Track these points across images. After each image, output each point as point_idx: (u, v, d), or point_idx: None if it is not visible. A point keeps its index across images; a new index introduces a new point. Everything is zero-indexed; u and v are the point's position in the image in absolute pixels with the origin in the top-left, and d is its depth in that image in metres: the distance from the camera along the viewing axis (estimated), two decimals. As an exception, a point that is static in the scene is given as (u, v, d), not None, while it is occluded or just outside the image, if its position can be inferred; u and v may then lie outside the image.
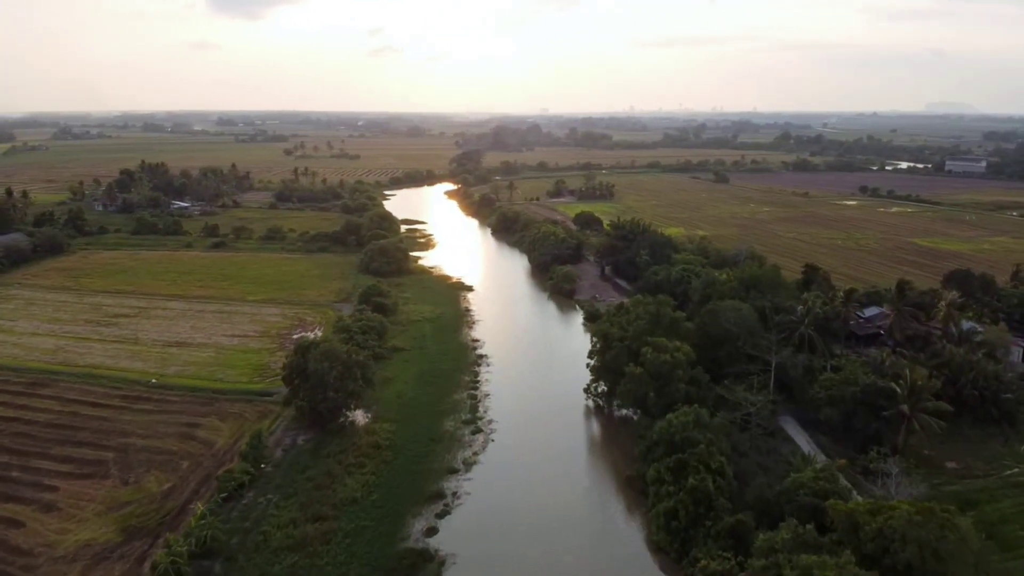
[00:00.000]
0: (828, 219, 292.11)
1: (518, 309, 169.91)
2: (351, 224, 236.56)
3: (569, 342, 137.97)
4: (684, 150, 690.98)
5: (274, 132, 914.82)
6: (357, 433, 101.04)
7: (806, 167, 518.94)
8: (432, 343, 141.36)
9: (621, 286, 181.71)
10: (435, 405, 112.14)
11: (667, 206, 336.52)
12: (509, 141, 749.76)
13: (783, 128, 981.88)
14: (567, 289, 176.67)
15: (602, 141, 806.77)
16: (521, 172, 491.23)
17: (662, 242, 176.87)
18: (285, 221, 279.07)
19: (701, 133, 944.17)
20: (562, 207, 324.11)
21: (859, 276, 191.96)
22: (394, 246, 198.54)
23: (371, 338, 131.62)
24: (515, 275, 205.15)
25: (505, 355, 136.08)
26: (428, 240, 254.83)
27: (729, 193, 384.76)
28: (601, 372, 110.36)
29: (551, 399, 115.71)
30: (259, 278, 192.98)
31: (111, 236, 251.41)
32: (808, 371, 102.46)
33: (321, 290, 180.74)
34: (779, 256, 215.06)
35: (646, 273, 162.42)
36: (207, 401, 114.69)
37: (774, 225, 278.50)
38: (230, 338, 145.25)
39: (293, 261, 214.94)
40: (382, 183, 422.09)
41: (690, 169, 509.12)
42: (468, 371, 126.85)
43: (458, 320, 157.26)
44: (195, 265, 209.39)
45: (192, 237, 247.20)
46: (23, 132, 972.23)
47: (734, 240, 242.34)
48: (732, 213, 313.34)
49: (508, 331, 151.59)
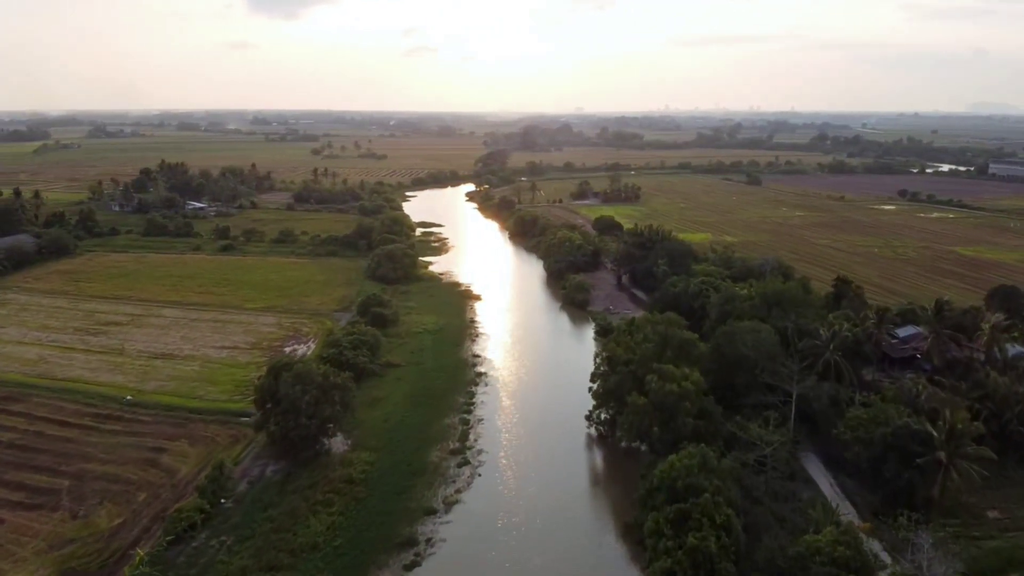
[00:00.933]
0: (864, 225, 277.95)
1: (527, 321, 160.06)
2: (363, 227, 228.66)
3: (577, 359, 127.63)
4: (717, 150, 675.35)
5: (306, 132, 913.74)
6: (331, 464, 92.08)
7: (842, 169, 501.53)
8: (430, 358, 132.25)
9: (638, 297, 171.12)
10: (423, 430, 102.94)
11: (695, 209, 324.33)
12: (538, 141, 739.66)
13: (820, 128, 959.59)
14: (580, 300, 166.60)
15: (633, 141, 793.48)
16: (547, 173, 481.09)
17: (681, 251, 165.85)
18: (299, 223, 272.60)
19: (736, 133, 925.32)
20: (584, 210, 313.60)
21: (895, 288, 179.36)
22: (402, 252, 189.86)
23: (362, 353, 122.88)
24: (529, 283, 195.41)
25: (506, 373, 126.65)
26: (442, 244, 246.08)
27: (761, 196, 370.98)
28: (604, 398, 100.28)
29: (550, 426, 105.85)
30: (262, 284, 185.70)
31: (121, 238, 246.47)
32: (834, 403, 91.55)
33: (323, 298, 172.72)
34: (810, 265, 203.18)
35: (663, 284, 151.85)
36: (180, 422, 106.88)
37: (807, 231, 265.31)
38: (219, 350, 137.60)
39: (300, 266, 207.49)
40: (404, 184, 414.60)
41: (722, 170, 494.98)
42: (464, 391, 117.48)
43: (461, 332, 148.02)
44: (200, 269, 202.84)
45: (202, 239, 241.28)
46: (60, 130, 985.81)
47: (763, 247, 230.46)
48: (763, 217, 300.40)
49: (513, 346, 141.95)
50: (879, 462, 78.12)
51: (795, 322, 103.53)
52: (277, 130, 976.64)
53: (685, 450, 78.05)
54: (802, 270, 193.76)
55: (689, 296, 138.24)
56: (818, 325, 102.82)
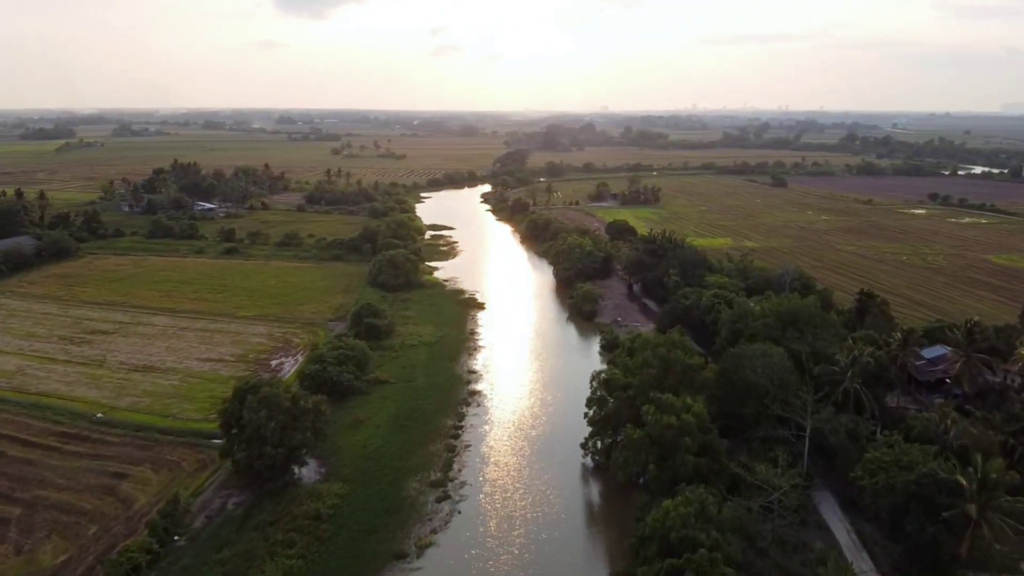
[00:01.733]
0: (892, 230, 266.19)
1: (530, 333, 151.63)
2: (368, 231, 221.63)
3: (579, 377, 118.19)
4: (743, 151, 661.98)
5: (329, 131, 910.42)
6: (299, 497, 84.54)
7: (871, 171, 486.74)
8: (422, 374, 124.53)
9: (649, 308, 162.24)
10: (404, 458, 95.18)
11: (717, 212, 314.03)
12: (560, 141, 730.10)
13: (850, 128, 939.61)
14: (587, 311, 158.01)
15: (657, 140, 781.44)
16: (566, 173, 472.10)
17: (695, 260, 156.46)
18: (307, 225, 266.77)
19: (763, 133, 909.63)
20: (601, 212, 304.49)
21: (924, 300, 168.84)
22: (404, 257, 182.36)
23: (348, 370, 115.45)
24: (536, 291, 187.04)
25: (502, 392, 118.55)
26: (451, 248, 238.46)
27: (786, 199, 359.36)
28: (600, 426, 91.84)
29: (543, 454, 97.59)
30: (259, 290, 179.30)
31: (125, 240, 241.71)
32: (853, 437, 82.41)
33: (319, 305, 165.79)
34: (833, 274, 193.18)
35: (674, 296, 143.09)
36: (147, 444, 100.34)
37: (832, 236, 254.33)
38: (202, 363, 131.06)
39: (302, 271, 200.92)
40: (419, 184, 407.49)
41: (747, 171, 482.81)
42: (454, 412, 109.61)
43: (459, 345, 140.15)
44: (198, 273, 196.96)
45: (206, 242, 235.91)
46: (87, 129, 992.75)
47: (785, 253, 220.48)
48: (787, 221, 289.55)
49: (512, 361, 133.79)
50: (901, 512, 69.04)
51: (812, 344, 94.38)
52: (301, 129, 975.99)
53: (682, 495, 69.70)
54: (825, 280, 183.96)
55: (701, 310, 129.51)
56: (837, 349, 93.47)
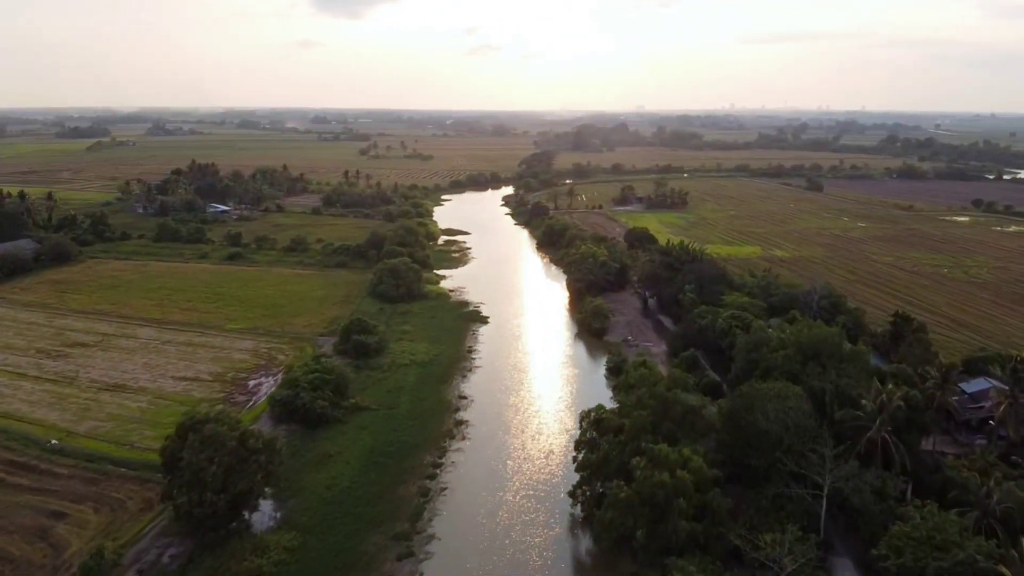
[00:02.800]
0: (933, 239, 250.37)
1: (533, 351, 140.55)
2: (375, 236, 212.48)
3: (580, 406, 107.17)
4: (779, 152, 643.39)
5: (361, 131, 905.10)
6: (243, 549, 74.70)
7: (912, 174, 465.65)
8: (408, 400, 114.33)
9: (664, 325, 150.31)
10: (371, 503, 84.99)
11: (747, 218, 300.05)
12: (591, 141, 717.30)
13: (891, 129, 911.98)
14: (596, 328, 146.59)
15: (690, 141, 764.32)
16: (593, 175, 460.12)
17: (713, 275, 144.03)
18: (319, 229, 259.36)
19: (801, 133, 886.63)
20: (624, 217, 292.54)
21: (965, 320, 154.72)
22: (407, 267, 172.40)
23: (324, 395, 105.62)
24: (546, 303, 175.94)
25: (491, 422, 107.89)
26: (462, 255, 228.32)
27: (821, 204, 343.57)
28: (592, 471, 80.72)
29: (529, 501, 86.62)
30: (254, 299, 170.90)
31: (131, 243, 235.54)
32: (879, 497, 70.40)
33: (313, 318, 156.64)
34: (867, 288, 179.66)
35: (689, 315, 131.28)
36: (96, 477, 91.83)
37: (868, 245, 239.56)
38: (177, 381, 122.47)
39: (303, 278, 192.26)
40: (441, 187, 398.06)
41: (781, 174, 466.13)
42: (436, 447, 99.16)
43: (454, 365, 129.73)
44: (196, 280, 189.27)
45: (212, 246, 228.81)
46: (124, 127, 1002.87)
47: (817, 264, 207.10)
48: (821, 228, 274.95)
49: (508, 385, 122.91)
50: (933, 603, 57.15)
51: (835, 383, 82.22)
52: (332, 129, 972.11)
53: (674, 571, 58.38)
54: (858, 295, 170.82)
55: (716, 333, 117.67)
56: (864, 390, 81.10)
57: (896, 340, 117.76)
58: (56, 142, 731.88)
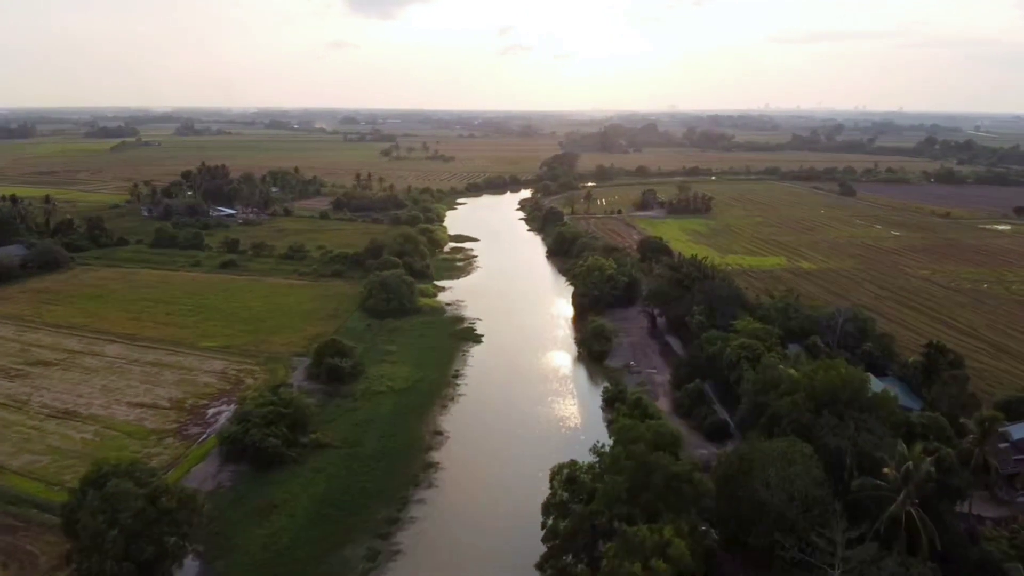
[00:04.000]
0: (973, 251, 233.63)
1: (524, 378, 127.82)
2: (374, 244, 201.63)
3: (569, 450, 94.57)
4: (812, 154, 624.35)
5: (388, 131, 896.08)
6: (146, 631, 63.72)
7: (951, 178, 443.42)
8: (376, 435, 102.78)
9: (672, 348, 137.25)
10: (308, 566, 73.57)
11: (774, 224, 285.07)
12: (618, 142, 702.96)
13: (929, 130, 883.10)
14: (597, 351, 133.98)
15: (720, 142, 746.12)
16: (616, 177, 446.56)
17: (727, 295, 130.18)
18: (323, 235, 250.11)
19: (835, 135, 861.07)
20: (643, 223, 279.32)
21: (1008, 346, 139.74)
22: (398, 279, 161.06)
23: (278, 431, 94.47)
24: (549, 319, 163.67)
25: (467, 465, 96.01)
26: (468, 264, 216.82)
27: (854, 210, 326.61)
28: (560, 543, 68.46)
29: (492, 571, 74.55)
30: (237, 312, 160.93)
31: (126, 249, 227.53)
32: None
33: (294, 335, 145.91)
34: (900, 306, 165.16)
35: (697, 340, 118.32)
36: (14, 525, 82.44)
37: (902, 257, 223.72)
38: (132, 408, 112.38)
39: (294, 289, 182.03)
40: (457, 189, 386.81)
41: (813, 177, 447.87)
42: (397, 495, 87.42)
43: (435, 394, 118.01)
44: (183, 291, 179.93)
45: (207, 253, 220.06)
46: (156, 127, 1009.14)
47: (846, 278, 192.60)
48: (852, 236, 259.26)
49: (491, 418, 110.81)
50: None
51: (853, 439, 69.07)
52: (359, 130, 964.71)
53: None
54: (890, 313, 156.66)
55: (725, 365, 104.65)
56: (888, 449, 67.63)
57: (929, 374, 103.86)
58: (83, 142, 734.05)
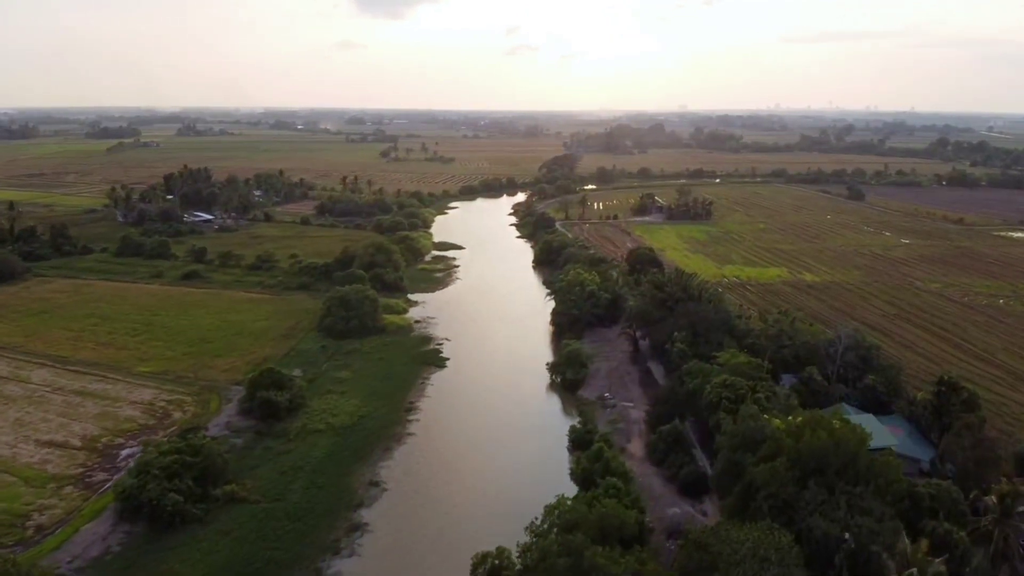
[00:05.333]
0: (988, 260, 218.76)
1: (486, 412, 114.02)
2: (345, 255, 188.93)
3: (521, 511, 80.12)
4: (821, 155, 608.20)
5: (391, 132, 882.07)
6: None
7: (964, 181, 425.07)
8: (303, 486, 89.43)
9: (654, 376, 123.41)
10: (184, 668, 60.55)
11: (777, 231, 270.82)
12: (623, 143, 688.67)
13: (941, 131, 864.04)
14: (570, 379, 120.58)
15: (728, 143, 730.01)
16: (618, 180, 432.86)
17: (713, 320, 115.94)
18: (299, 242, 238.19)
19: (845, 135, 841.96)
20: (640, 230, 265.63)
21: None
22: (360, 295, 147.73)
23: (183, 484, 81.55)
24: (526, 339, 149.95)
25: (399, 526, 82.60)
26: (447, 275, 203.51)
27: (862, 215, 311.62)
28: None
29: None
30: (186, 331, 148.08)
31: (89, 258, 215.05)
32: None
33: (241, 358, 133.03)
34: (909, 325, 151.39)
35: (678, 372, 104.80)
36: None
37: (912, 268, 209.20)
38: (39, 448, 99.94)
39: (254, 304, 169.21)
40: (450, 193, 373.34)
41: (821, 180, 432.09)
42: (311, 567, 74.29)
43: (381, 432, 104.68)
44: (135, 305, 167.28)
45: (172, 263, 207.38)
46: (161, 127, 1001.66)
47: (852, 292, 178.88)
48: (859, 245, 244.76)
49: (438, 466, 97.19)
50: None
51: (844, 523, 55.41)
52: (362, 130, 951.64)
53: None
54: (898, 334, 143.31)
55: (705, 405, 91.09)
56: (888, 536, 54.07)
57: (940, 415, 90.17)
58: (82, 142, 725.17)
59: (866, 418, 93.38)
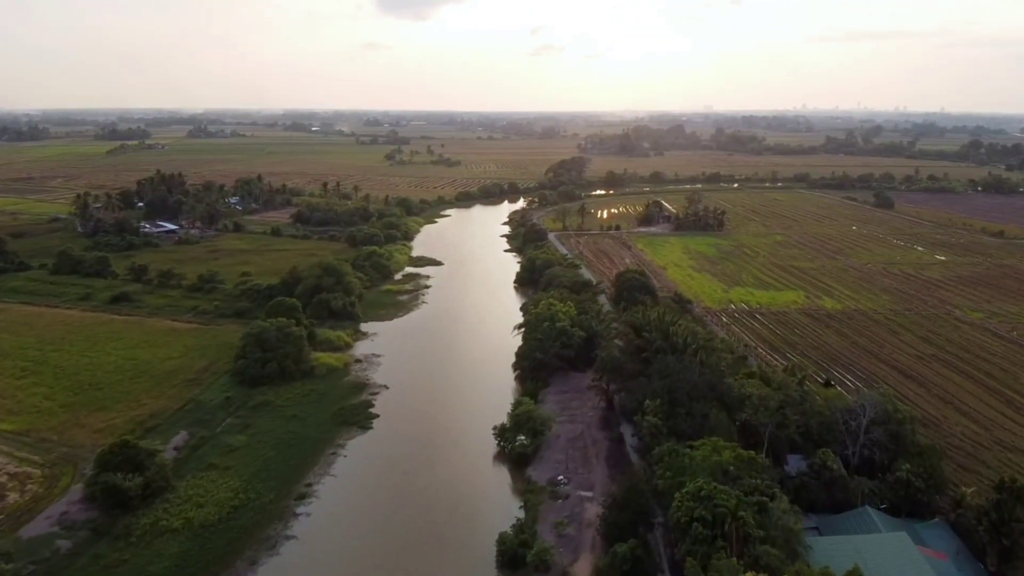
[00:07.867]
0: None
1: (403, 501, 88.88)
2: (294, 275, 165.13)
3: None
4: (847, 158, 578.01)
5: (404, 134, 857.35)
6: None
7: (1000, 187, 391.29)
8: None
9: (626, 449, 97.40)
10: None
11: (796, 244, 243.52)
12: (639, 145, 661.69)
13: (973, 132, 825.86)
14: (518, 452, 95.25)
15: (750, 144, 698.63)
16: (629, 184, 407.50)
17: (697, 385, 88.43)
18: (261, 256, 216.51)
19: (874, 136, 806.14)
20: (642, 243, 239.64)
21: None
22: (282, 333, 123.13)
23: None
24: (485, 387, 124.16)
25: None
26: (414, 297, 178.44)
27: (890, 226, 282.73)
28: None
29: None
30: (78, 373, 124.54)
31: (23, 276, 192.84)
32: None
33: (125, 412, 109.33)
34: (949, 371, 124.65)
35: (647, 458, 79.28)
36: None
37: (950, 292, 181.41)
38: None
39: (174, 336, 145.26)
40: (445, 199, 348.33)
41: (846, 185, 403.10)
42: None
43: (253, 532, 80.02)
44: (38, 337, 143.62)
45: (108, 282, 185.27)
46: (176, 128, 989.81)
47: (879, 324, 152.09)
48: (887, 261, 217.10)
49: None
50: None
51: None
52: (373, 132, 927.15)
53: None
54: (934, 386, 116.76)
55: (672, 525, 65.60)
56: None
57: (999, 531, 64.43)
58: (89, 144, 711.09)
59: (899, 535, 68.09)
